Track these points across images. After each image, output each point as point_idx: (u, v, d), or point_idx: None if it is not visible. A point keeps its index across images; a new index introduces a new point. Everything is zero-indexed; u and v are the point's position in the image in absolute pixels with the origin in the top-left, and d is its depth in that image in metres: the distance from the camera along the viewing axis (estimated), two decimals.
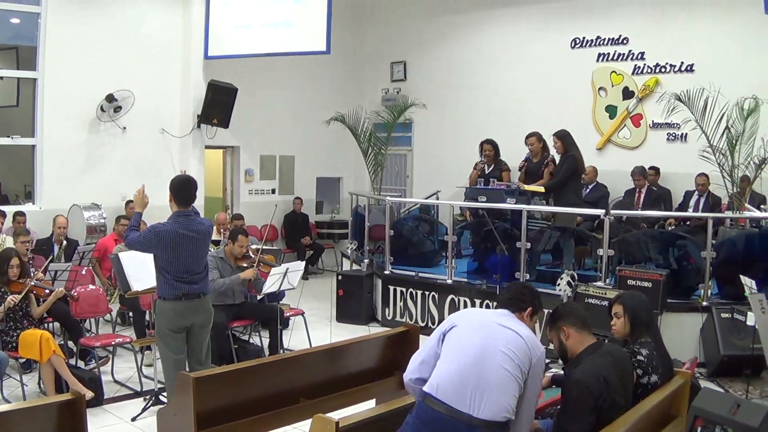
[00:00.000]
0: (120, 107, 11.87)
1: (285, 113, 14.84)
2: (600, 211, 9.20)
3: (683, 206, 11.21)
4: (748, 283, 7.11)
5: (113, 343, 7.84)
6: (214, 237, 9.74)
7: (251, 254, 8.46)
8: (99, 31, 11.84)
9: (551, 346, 4.53)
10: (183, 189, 6.13)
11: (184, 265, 5.99)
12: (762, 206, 10.28)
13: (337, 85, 15.75)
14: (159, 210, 7.44)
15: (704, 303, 8.41)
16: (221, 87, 12.58)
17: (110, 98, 11.75)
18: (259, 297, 8.89)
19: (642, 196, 11.48)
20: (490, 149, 10.94)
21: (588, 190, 11.68)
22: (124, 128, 12.11)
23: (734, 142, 8.98)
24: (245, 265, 8.37)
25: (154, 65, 12.50)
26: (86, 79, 11.65)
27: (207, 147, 13.23)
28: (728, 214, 9.43)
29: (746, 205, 9.32)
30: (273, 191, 14.84)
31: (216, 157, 14.52)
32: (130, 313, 9.29)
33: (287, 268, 8.31)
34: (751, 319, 6.77)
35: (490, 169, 10.85)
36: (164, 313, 6.05)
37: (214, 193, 14.53)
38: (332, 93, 15.47)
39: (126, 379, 7.75)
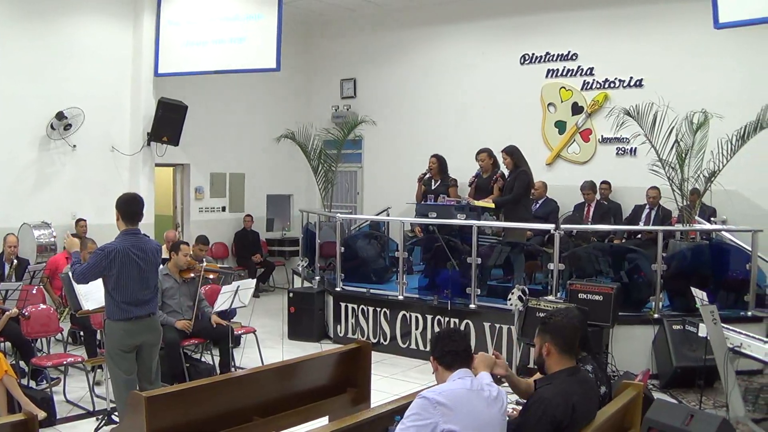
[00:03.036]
0: (70, 125, 11.67)
1: (235, 130, 14.76)
2: (550, 226, 9.25)
3: (633, 220, 11.35)
4: (699, 294, 7.15)
5: (65, 362, 7.72)
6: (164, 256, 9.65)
7: (195, 265, 8.42)
8: (49, 48, 11.65)
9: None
10: (130, 206, 6.07)
11: (133, 286, 5.93)
12: (712, 219, 10.44)
13: (288, 102, 15.72)
14: (110, 228, 7.33)
15: (656, 315, 8.50)
16: (171, 104, 12.46)
17: (60, 116, 11.54)
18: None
19: (591, 210, 11.62)
20: (433, 162, 10.95)
21: (538, 205, 11.80)
22: (75, 146, 11.91)
23: (684, 155, 9.11)
24: (192, 276, 8.35)
25: (104, 83, 12.33)
26: (36, 96, 11.45)
27: (157, 165, 13.06)
28: (678, 227, 9.54)
29: (696, 218, 9.45)
30: (223, 209, 14.73)
31: (166, 175, 14.36)
32: (82, 333, 9.13)
33: (238, 286, 8.26)
34: (702, 331, 6.77)
35: (437, 184, 10.89)
36: (114, 334, 5.95)
37: (164, 211, 14.35)
38: (282, 110, 15.44)
39: (78, 399, 7.61)
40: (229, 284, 8.68)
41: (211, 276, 8.63)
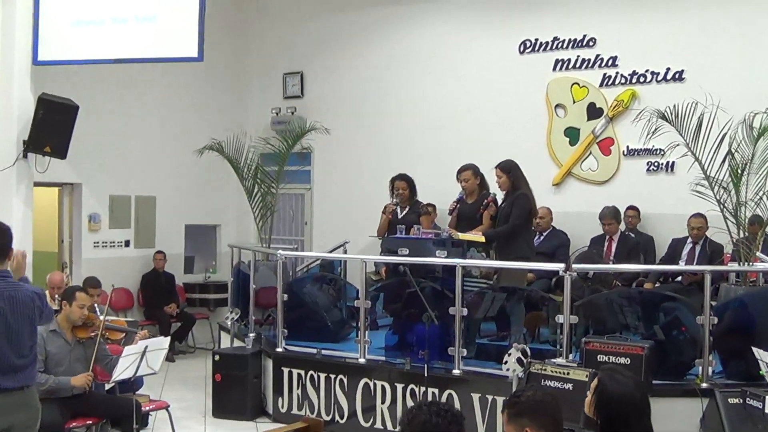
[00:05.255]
0: None
1: (143, 140, 14.66)
2: (559, 266, 9.22)
3: (671, 257, 11.32)
4: (764, 357, 7.10)
5: None
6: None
7: (95, 321, 8.29)
8: None
9: None
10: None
11: (1, 347, 5.80)
12: None
13: (214, 103, 15.69)
14: None
15: (704, 385, 8.36)
16: (56, 103, 12.30)
17: None
18: (108, 385, 8.66)
19: (613, 244, 11.60)
20: (404, 187, 11.03)
21: (542, 239, 11.81)
22: None
23: (740, 171, 8.98)
24: (90, 335, 8.20)
25: None
26: None
27: (37, 184, 12.87)
28: (733, 266, 9.51)
29: (758, 254, 9.33)
30: (127, 243, 14.58)
31: (49, 197, 14.22)
32: None
33: (146, 346, 8.14)
34: None
35: (404, 212, 10.87)
36: None
37: (46, 247, 14.16)
38: (206, 114, 15.40)
39: None
40: (134, 344, 8.54)
41: (111, 336, 8.49)
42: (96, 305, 9.26)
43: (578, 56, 12.82)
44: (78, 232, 14.09)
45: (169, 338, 9.50)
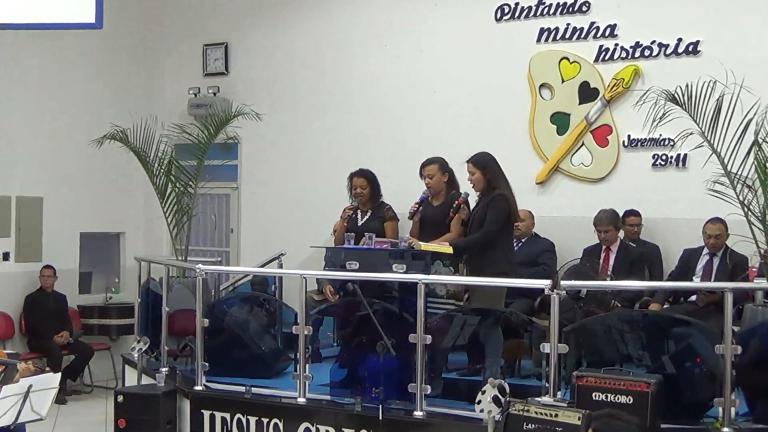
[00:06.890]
0: None
1: (27, 127, 14.58)
2: (544, 283, 9.15)
3: (682, 272, 11.27)
4: None
5: None
6: None
7: None
8: None
9: None
10: None
11: None
12: None
13: (116, 81, 15.66)
14: None
15: (725, 429, 8.34)
16: None
17: None
18: None
19: (612, 257, 11.60)
20: (363, 185, 11.00)
21: (520, 245, 11.78)
22: None
23: None
24: None
25: None
26: None
27: None
28: (760, 283, 9.56)
29: None
30: (6, 256, 14.47)
31: None
32: None
33: (30, 385, 8.07)
34: None
35: (365, 218, 10.85)
36: None
37: None
38: (107, 95, 15.40)
39: None
40: (15, 382, 8.48)
41: None
42: None
43: (568, 24, 12.80)
44: None
45: (59, 375, 9.38)
